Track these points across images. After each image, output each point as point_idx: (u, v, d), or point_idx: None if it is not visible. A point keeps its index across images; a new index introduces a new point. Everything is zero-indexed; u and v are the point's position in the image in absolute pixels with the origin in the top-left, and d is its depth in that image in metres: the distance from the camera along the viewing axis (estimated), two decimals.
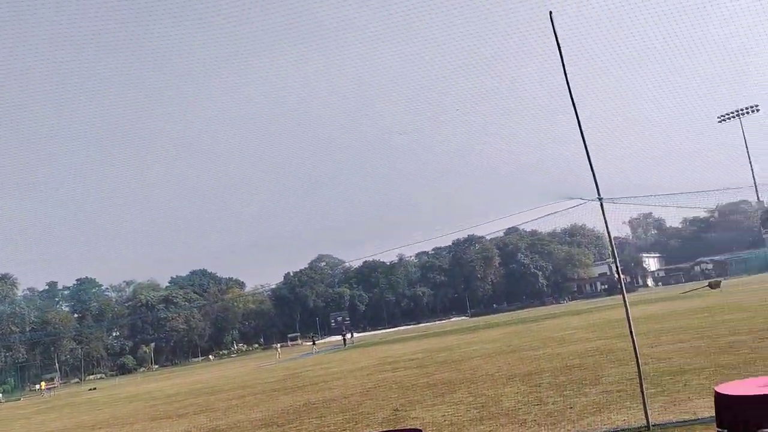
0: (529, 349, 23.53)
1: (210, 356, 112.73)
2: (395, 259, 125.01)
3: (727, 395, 6.27)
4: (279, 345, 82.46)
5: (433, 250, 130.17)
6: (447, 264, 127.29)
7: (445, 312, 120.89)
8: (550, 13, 8.25)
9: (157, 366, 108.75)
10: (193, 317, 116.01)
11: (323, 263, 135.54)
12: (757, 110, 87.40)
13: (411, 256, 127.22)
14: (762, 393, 6.01)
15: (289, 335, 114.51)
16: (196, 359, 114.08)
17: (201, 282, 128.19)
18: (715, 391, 6.53)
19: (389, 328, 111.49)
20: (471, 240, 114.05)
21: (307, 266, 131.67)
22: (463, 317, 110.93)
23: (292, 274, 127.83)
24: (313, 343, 68.64)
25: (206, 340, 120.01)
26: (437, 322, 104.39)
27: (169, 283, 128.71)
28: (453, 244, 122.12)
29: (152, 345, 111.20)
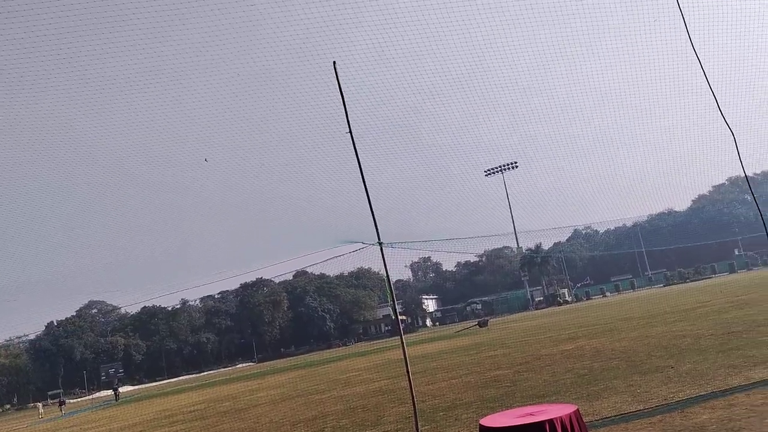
0: (315, 393, 23.52)
1: None
2: (178, 303, 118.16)
3: (490, 427, 6.78)
4: (41, 404, 72.22)
5: (219, 294, 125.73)
6: (234, 308, 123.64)
7: (231, 359, 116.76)
8: (334, 63, 8.55)
9: None
10: None
11: (94, 310, 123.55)
12: (516, 166, 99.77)
13: (195, 301, 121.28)
14: (519, 423, 6.59)
15: (50, 393, 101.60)
16: None
17: None
18: (480, 424, 7.03)
19: (169, 378, 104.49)
20: (259, 283, 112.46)
21: (74, 314, 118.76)
22: (250, 363, 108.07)
23: (56, 323, 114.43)
24: (61, 406, 58.74)
25: None
26: (222, 370, 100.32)
27: None
28: (241, 287, 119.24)
29: None
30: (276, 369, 59.21)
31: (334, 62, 9.08)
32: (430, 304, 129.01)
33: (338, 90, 9.16)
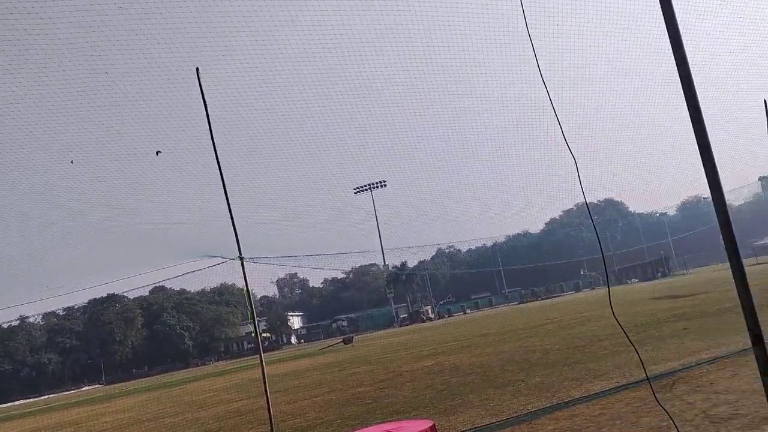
0: (167, 416, 22.25)
1: None
2: (15, 320, 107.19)
3: None
4: None
5: (64, 310, 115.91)
6: (81, 326, 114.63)
7: (76, 381, 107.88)
8: (197, 69, 8.19)
9: None
10: None
11: None
12: (385, 185, 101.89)
13: (36, 317, 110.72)
14: None
15: None
16: None
17: None
18: None
19: (1, 403, 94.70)
20: (111, 299, 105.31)
21: None
22: (97, 385, 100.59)
23: None
24: None
25: None
26: (66, 393, 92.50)
27: None
28: (89, 303, 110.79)
29: None
30: (126, 391, 55.50)
31: (197, 69, 8.70)
32: (296, 321, 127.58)
33: (201, 98, 8.78)
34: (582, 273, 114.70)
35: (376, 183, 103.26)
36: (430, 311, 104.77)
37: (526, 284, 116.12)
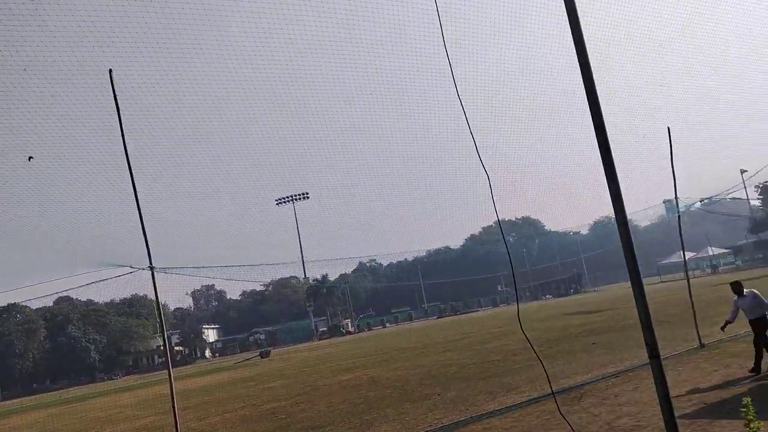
0: None
1: None
2: None
3: None
4: None
5: None
6: None
7: None
8: (110, 71, 7.85)
9: None
10: None
11: None
12: (308, 197, 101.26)
13: None
14: None
15: None
16: None
17: None
18: None
19: None
20: (11, 309, 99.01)
21: None
22: None
23: None
24: None
25: None
26: None
27: None
28: None
29: None
30: (25, 407, 52.15)
31: (110, 70, 8.35)
32: (211, 334, 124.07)
33: (114, 100, 8.42)
34: (499, 288, 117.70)
35: (299, 195, 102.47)
36: (350, 325, 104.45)
37: (446, 299, 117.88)
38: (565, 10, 3.98)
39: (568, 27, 3.96)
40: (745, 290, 11.74)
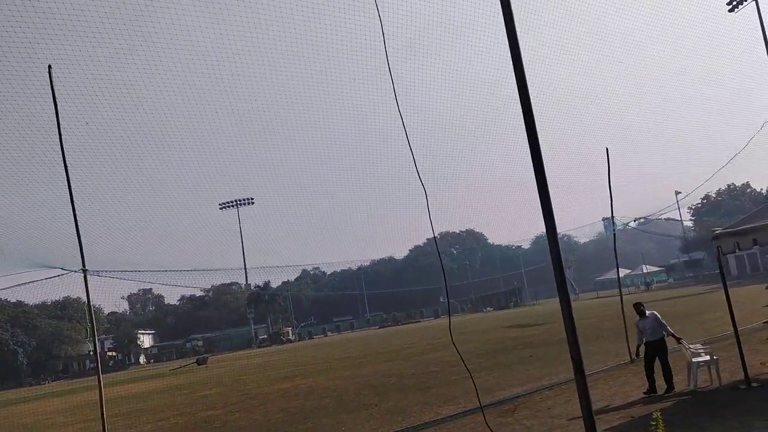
0: None
1: None
2: None
3: None
4: None
5: None
6: None
7: None
8: (49, 66, 7.60)
9: None
10: None
11: None
12: (252, 202, 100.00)
13: None
14: None
15: None
16: None
17: None
18: None
19: None
20: None
21: None
22: None
23: None
24: None
25: None
26: None
27: None
28: None
29: None
30: None
31: (50, 66, 8.09)
32: (147, 340, 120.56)
33: (52, 97, 8.15)
34: (441, 300, 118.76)
35: (244, 200, 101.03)
36: (291, 333, 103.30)
37: (388, 309, 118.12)
38: (504, 28, 4.10)
39: (508, 47, 4.08)
40: (647, 312, 11.91)
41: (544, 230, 4.16)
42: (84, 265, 8.13)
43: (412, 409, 13.23)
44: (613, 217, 17.30)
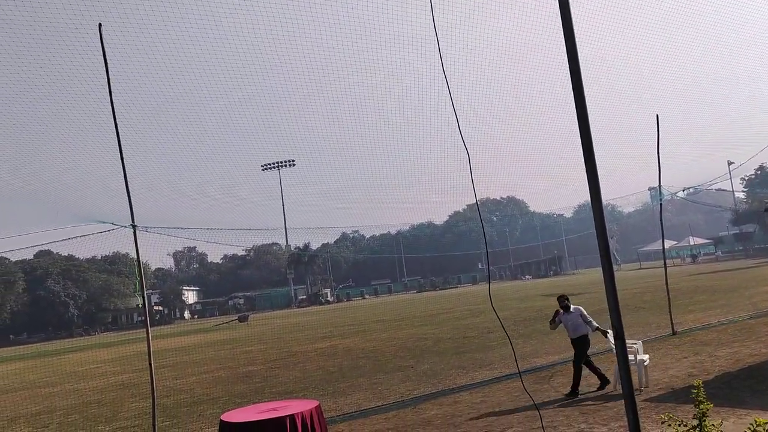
0: (44, 386, 21.08)
1: None
2: None
3: (230, 422, 6.61)
4: None
5: None
6: None
7: None
8: (100, 25, 7.73)
9: None
10: None
11: None
12: (294, 164, 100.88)
13: None
14: (259, 418, 6.53)
15: None
16: None
17: None
18: (221, 420, 6.83)
19: None
20: None
21: None
22: None
23: None
24: None
25: None
26: None
27: None
28: None
29: None
30: (1, 358, 52.16)
31: (100, 24, 8.22)
32: (191, 296, 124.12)
33: (102, 55, 8.30)
34: (480, 266, 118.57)
35: (285, 162, 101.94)
36: (329, 294, 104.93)
37: (426, 274, 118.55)
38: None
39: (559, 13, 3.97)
40: (571, 306, 10.59)
41: (587, 199, 4.10)
42: (133, 221, 8.38)
43: (447, 373, 13.38)
44: (660, 186, 16.87)
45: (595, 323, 10.44)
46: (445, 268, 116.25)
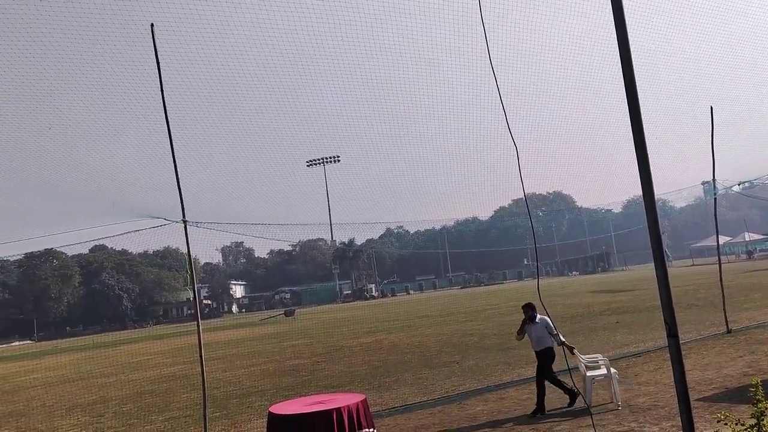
0: (99, 376, 21.83)
1: None
2: None
3: (278, 414, 6.73)
4: None
5: None
6: (15, 280, 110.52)
7: (5, 336, 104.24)
8: (152, 25, 7.93)
9: None
10: None
11: None
12: (338, 160, 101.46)
13: None
14: (307, 411, 6.62)
15: None
16: None
17: None
18: (269, 411, 6.96)
19: None
20: (48, 254, 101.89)
21: None
22: (28, 341, 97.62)
23: None
24: None
25: None
26: None
27: None
28: (26, 257, 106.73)
29: None
30: (58, 349, 54.17)
31: (152, 24, 8.44)
32: (238, 290, 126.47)
33: (154, 54, 8.52)
34: (525, 262, 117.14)
35: (330, 157, 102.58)
36: (374, 289, 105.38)
37: (471, 269, 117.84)
38: None
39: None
40: (537, 316, 9.90)
41: (636, 194, 4.02)
42: (184, 216, 8.60)
43: (493, 369, 13.30)
44: (714, 180, 16.35)
45: (561, 337, 9.50)
46: (490, 264, 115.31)
